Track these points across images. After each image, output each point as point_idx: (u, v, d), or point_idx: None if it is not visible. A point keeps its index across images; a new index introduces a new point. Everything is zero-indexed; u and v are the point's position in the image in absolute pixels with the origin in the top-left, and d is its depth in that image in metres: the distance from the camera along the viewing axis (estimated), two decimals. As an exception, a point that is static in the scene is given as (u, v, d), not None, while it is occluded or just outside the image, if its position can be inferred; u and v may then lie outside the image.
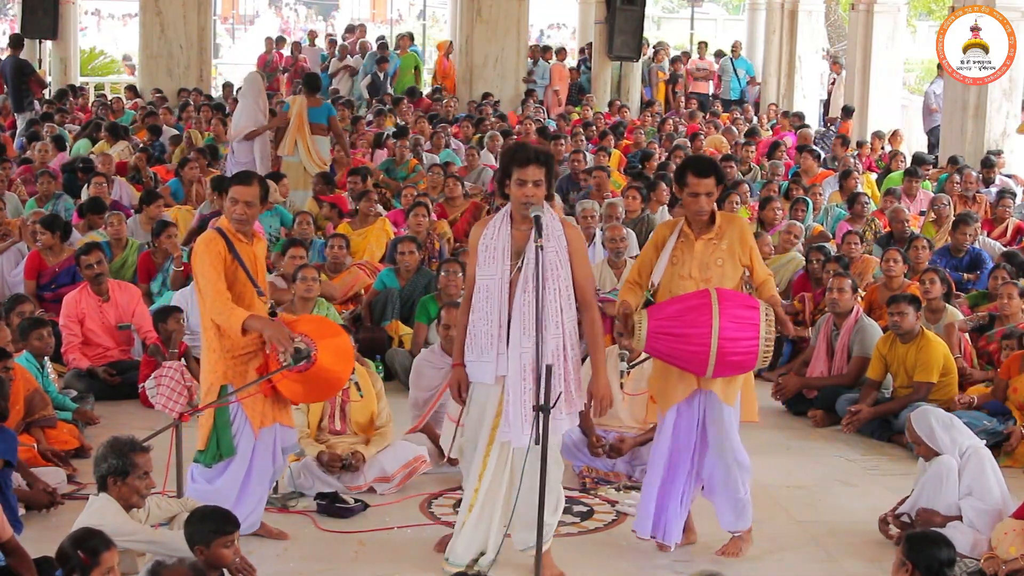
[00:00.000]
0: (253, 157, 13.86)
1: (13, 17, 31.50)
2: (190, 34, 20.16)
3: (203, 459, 6.11)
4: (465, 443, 6.00)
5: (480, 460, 5.84)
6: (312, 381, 6.18)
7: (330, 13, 47.15)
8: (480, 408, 5.84)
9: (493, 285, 5.71)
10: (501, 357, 5.68)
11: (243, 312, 5.93)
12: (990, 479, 6.31)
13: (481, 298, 5.73)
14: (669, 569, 6.21)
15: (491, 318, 5.70)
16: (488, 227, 5.81)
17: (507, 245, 5.73)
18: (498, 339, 5.68)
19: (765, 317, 5.90)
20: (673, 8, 46.07)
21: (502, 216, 5.81)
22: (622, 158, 16.45)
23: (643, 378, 7.49)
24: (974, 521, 6.20)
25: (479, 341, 5.74)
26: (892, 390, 8.62)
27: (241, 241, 6.15)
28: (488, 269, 5.74)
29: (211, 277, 5.99)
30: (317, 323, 6.48)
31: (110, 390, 8.86)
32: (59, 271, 10.20)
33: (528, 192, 5.66)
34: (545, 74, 22.50)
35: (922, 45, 32.75)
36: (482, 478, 5.83)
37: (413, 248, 10.06)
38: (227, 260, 6.05)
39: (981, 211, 13.11)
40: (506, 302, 5.69)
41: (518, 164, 5.67)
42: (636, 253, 11.26)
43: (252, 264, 6.18)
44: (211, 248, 6.05)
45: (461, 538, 5.91)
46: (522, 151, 5.73)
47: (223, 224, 6.20)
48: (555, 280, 5.70)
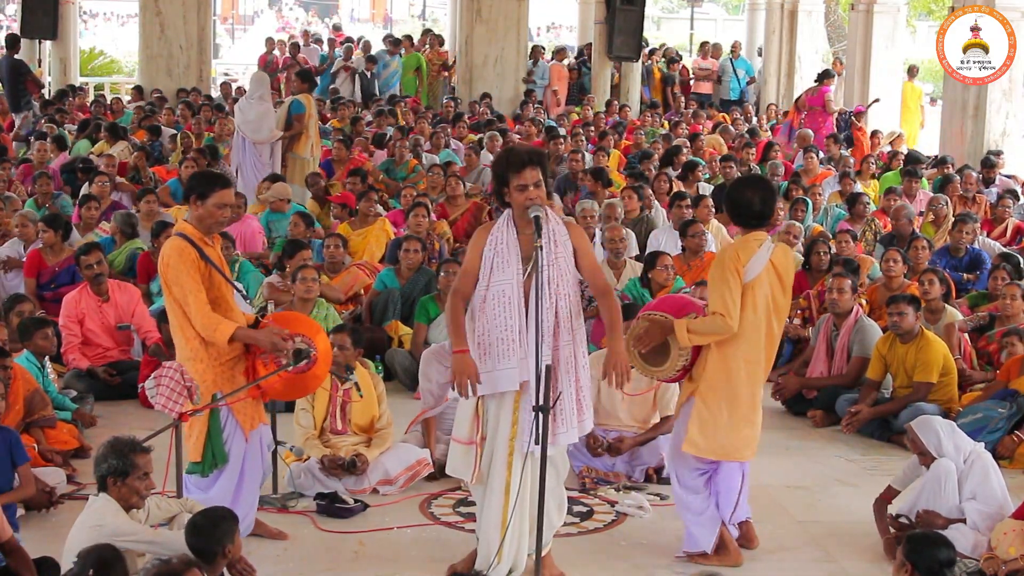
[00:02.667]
0: (269, 158, 13.79)
1: (12, 17, 31.52)
2: (190, 34, 20.15)
3: (199, 470, 6.07)
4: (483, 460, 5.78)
5: (503, 473, 5.71)
6: (295, 379, 6.16)
7: (330, 13, 47.21)
8: (495, 420, 5.74)
9: (509, 291, 5.62)
10: (523, 362, 5.58)
11: (229, 326, 5.85)
12: (993, 483, 6.31)
13: (497, 304, 5.62)
14: (669, 569, 6.21)
15: (510, 324, 5.60)
16: (494, 233, 5.72)
17: (517, 251, 5.67)
18: (520, 345, 5.59)
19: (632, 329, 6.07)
20: (673, 8, 46.12)
21: (505, 222, 5.73)
22: (622, 158, 16.44)
23: (643, 378, 7.47)
24: (978, 524, 6.19)
25: (496, 349, 5.61)
26: (892, 390, 8.62)
27: (208, 244, 6.02)
28: (502, 275, 5.65)
29: (192, 289, 5.85)
30: (294, 321, 6.39)
31: (110, 390, 8.86)
32: (59, 270, 10.21)
33: (531, 195, 5.61)
34: (545, 74, 22.50)
35: (922, 45, 32.78)
36: (509, 492, 5.68)
37: (418, 247, 10.05)
38: (201, 267, 5.92)
39: (981, 211, 13.12)
40: (523, 307, 5.63)
41: (515, 169, 5.61)
42: (636, 253, 11.30)
43: (220, 266, 6.07)
44: (185, 258, 5.88)
45: (506, 556, 5.71)
46: (515, 156, 5.68)
47: (187, 230, 5.99)
48: (566, 286, 5.68)
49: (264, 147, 13.71)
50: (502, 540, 5.71)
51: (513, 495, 5.66)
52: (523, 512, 5.74)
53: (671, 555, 6.32)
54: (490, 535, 5.76)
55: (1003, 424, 7.86)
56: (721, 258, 5.99)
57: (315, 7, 49.29)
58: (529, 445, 5.55)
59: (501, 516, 5.72)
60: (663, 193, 13.27)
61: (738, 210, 6.03)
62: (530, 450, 5.59)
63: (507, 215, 5.75)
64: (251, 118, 13.64)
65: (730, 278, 5.85)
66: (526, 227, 5.66)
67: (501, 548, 5.71)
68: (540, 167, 5.65)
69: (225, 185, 6.07)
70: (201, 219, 6.00)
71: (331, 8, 49.46)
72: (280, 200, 12.28)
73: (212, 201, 5.96)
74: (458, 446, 5.81)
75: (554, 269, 5.62)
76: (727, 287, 5.85)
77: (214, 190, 5.98)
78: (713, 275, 5.96)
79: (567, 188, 14.02)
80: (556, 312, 5.60)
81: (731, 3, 44.46)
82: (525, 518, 5.75)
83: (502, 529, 5.70)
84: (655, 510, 6.91)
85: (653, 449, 7.41)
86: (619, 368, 5.68)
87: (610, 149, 16.34)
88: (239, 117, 13.80)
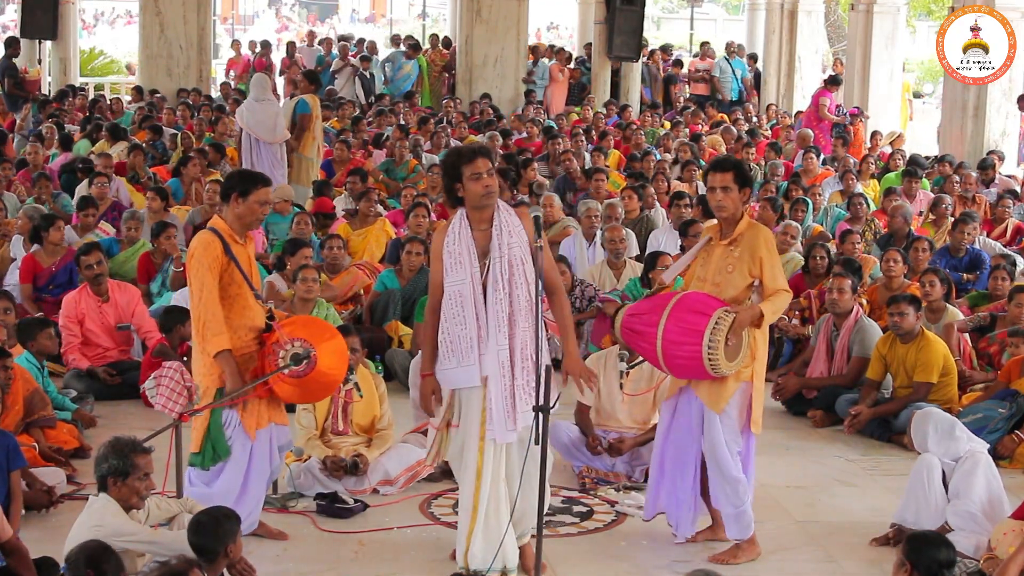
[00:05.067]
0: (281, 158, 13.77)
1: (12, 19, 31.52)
2: (190, 34, 20.14)
3: (199, 462, 6.10)
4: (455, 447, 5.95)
5: (475, 461, 5.81)
6: (307, 383, 6.17)
7: (329, 14, 47.18)
8: (465, 411, 5.85)
9: (465, 290, 5.73)
10: (483, 358, 5.71)
11: (224, 343, 5.92)
12: (977, 483, 6.25)
13: (453, 304, 5.75)
14: (669, 569, 6.21)
15: (468, 322, 5.72)
16: (448, 234, 5.81)
17: (471, 248, 5.76)
18: (479, 341, 5.71)
19: (715, 325, 5.88)
20: (673, 8, 46.11)
21: (459, 221, 5.81)
22: (622, 158, 16.44)
23: (642, 379, 7.49)
24: (956, 524, 6.15)
25: (457, 346, 5.74)
26: (892, 390, 8.62)
27: (237, 243, 6.10)
28: (457, 275, 5.75)
29: (207, 283, 5.93)
30: (311, 324, 6.44)
31: (110, 390, 8.86)
32: (56, 271, 10.21)
33: (486, 182, 5.71)
34: (545, 74, 22.49)
35: (922, 45, 32.79)
36: (480, 478, 5.80)
37: (420, 249, 10.05)
38: (223, 262, 6.00)
39: (981, 211, 13.11)
40: (481, 304, 5.73)
41: (466, 160, 5.72)
42: (636, 253, 11.30)
43: (247, 266, 6.13)
44: (209, 251, 5.99)
45: (477, 541, 5.79)
46: (465, 149, 5.82)
47: (219, 226, 6.10)
48: (521, 275, 5.74)
49: (277, 147, 13.66)
50: (472, 525, 5.79)
51: (486, 481, 5.77)
52: (498, 499, 5.79)
53: (670, 555, 6.32)
54: (463, 518, 5.87)
55: (1003, 424, 7.87)
56: (768, 239, 6.15)
57: (315, 7, 49.24)
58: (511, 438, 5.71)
59: (473, 501, 5.82)
60: (663, 193, 13.29)
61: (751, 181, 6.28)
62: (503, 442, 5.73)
63: (460, 214, 5.84)
64: (263, 119, 13.48)
65: (776, 256, 6.14)
66: (480, 223, 5.77)
67: (472, 533, 5.79)
68: (489, 159, 5.78)
69: (266, 183, 6.21)
70: (240, 216, 6.11)
71: (331, 8, 49.41)
72: (283, 201, 12.26)
73: (253, 198, 6.09)
74: (430, 429, 6.05)
75: (505, 261, 5.71)
76: (779, 265, 6.17)
77: (256, 187, 6.12)
78: (772, 259, 6.10)
79: (567, 188, 14.03)
80: (511, 302, 5.69)
81: (731, 3, 44.45)
82: (503, 506, 5.79)
83: (473, 513, 5.80)
84: (655, 510, 6.90)
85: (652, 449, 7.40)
86: (579, 373, 5.90)
87: (608, 150, 16.35)
88: (248, 120, 13.54)
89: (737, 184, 6.11)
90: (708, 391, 6.11)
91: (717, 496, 6.23)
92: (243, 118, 13.65)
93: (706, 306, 5.98)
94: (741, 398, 6.13)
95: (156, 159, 15.43)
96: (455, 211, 5.88)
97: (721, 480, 6.17)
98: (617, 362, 7.50)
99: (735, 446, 6.17)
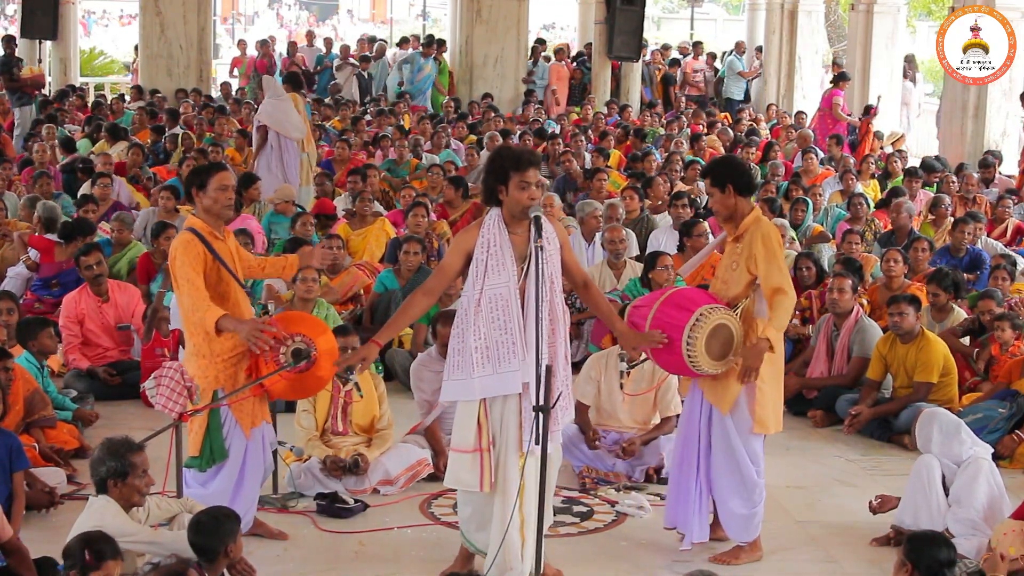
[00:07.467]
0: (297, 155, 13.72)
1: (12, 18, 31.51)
2: (190, 34, 20.14)
3: (197, 464, 6.08)
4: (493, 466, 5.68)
5: (517, 476, 5.58)
6: (303, 378, 6.16)
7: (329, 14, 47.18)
8: (501, 424, 5.65)
9: (507, 293, 5.55)
10: (524, 364, 5.51)
11: (217, 311, 5.81)
12: (979, 490, 6.24)
13: (494, 308, 5.54)
14: (669, 569, 6.21)
15: (509, 327, 5.53)
16: (484, 234, 5.62)
17: (511, 252, 5.60)
18: (521, 347, 5.52)
19: (695, 321, 5.84)
20: (673, 8, 46.10)
21: (496, 222, 5.64)
22: (622, 158, 16.44)
23: (643, 379, 7.49)
24: (957, 531, 6.13)
25: (495, 352, 5.53)
26: (892, 390, 8.62)
27: (217, 239, 6.05)
28: (499, 278, 5.56)
29: (191, 278, 5.86)
30: (302, 320, 6.39)
31: (110, 390, 8.87)
32: (66, 268, 10.28)
33: (533, 195, 5.56)
34: (545, 74, 22.49)
35: (922, 45, 32.76)
36: (524, 492, 5.57)
37: (418, 249, 10.04)
38: (207, 261, 5.95)
39: (981, 212, 13.10)
40: (520, 309, 5.55)
41: (519, 168, 5.55)
42: (636, 254, 11.29)
43: (231, 260, 6.09)
44: (190, 250, 5.92)
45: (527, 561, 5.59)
46: (520, 154, 5.64)
47: (196, 224, 6.03)
48: (558, 283, 5.69)
49: (296, 145, 13.60)
50: (523, 541, 5.59)
51: (530, 493, 5.56)
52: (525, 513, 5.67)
53: (670, 555, 6.32)
54: (512, 537, 5.58)
55: (1003, 424, 7.88)
56: (766, 234, 6.00)
57: (315, 7, 49.25)
58: (529, 444, 5.49)
59: (520, 518, 5.60)
60: (663, 193, 13.27)
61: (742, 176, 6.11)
62: (529, 449, 5.54)
63: (496, 214, 5.66)
64: (287, 117, 13.33)
65: (779, 253, 6.03)
66: (517, 226, 5.62)
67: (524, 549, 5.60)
68: (539, 169, 5.68)
69: (220, 168, 6.16)
70: (208, 208, 6.07)
71: (331, 9, 49.42)
72: (285, 202, 12.24)
73: (212, 186, 6.04)
74: (461, 455, 5.67)
75: (550, 267, 5.60)
76: (782, 263, 6.02)
77: (211, 175, 6.07)
78: (767, 255, 5.95)
79: (567, 188, 14.03)
80: (551, 309, 5.60)
81: (731, 3, 44.43)
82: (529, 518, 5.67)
83: (522, 530, 5.60)
84: (655, 510, 6.89)
85: (653, 449, 7.42)
86: (642, 340, 5.91)
87: (609, 150, 16.34)
88: (270, 119, 13.32)
89: (717, 187, 6.07)
90: (713, 390, 6.10)
91: (731, 497, 6.18)
92: (269, 117, 13.39)
93: (691, 302, 5.95)
94: (747, 398, 6.10)
95: (156, 159, 15.43)
96: (487, 210, 5.72)
97: (739, 481, 6.14)
98: (617, 362, 7.51)
99: (750, 447, 6.14)
